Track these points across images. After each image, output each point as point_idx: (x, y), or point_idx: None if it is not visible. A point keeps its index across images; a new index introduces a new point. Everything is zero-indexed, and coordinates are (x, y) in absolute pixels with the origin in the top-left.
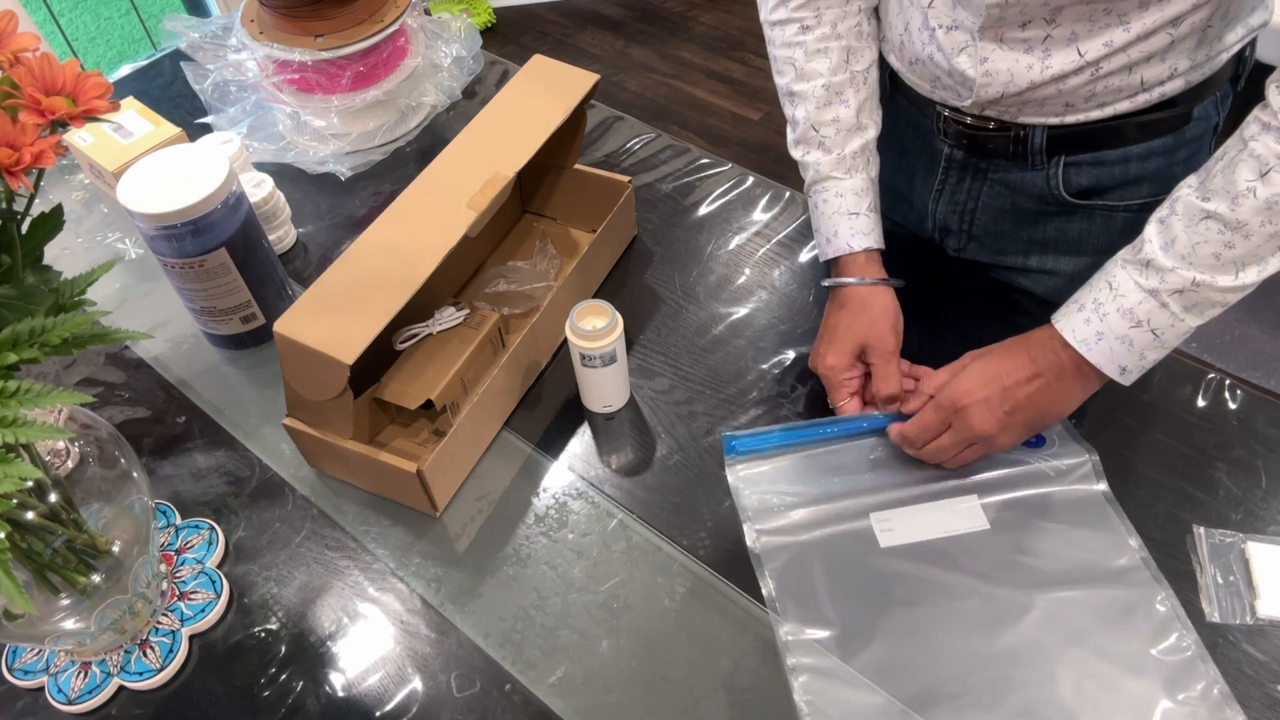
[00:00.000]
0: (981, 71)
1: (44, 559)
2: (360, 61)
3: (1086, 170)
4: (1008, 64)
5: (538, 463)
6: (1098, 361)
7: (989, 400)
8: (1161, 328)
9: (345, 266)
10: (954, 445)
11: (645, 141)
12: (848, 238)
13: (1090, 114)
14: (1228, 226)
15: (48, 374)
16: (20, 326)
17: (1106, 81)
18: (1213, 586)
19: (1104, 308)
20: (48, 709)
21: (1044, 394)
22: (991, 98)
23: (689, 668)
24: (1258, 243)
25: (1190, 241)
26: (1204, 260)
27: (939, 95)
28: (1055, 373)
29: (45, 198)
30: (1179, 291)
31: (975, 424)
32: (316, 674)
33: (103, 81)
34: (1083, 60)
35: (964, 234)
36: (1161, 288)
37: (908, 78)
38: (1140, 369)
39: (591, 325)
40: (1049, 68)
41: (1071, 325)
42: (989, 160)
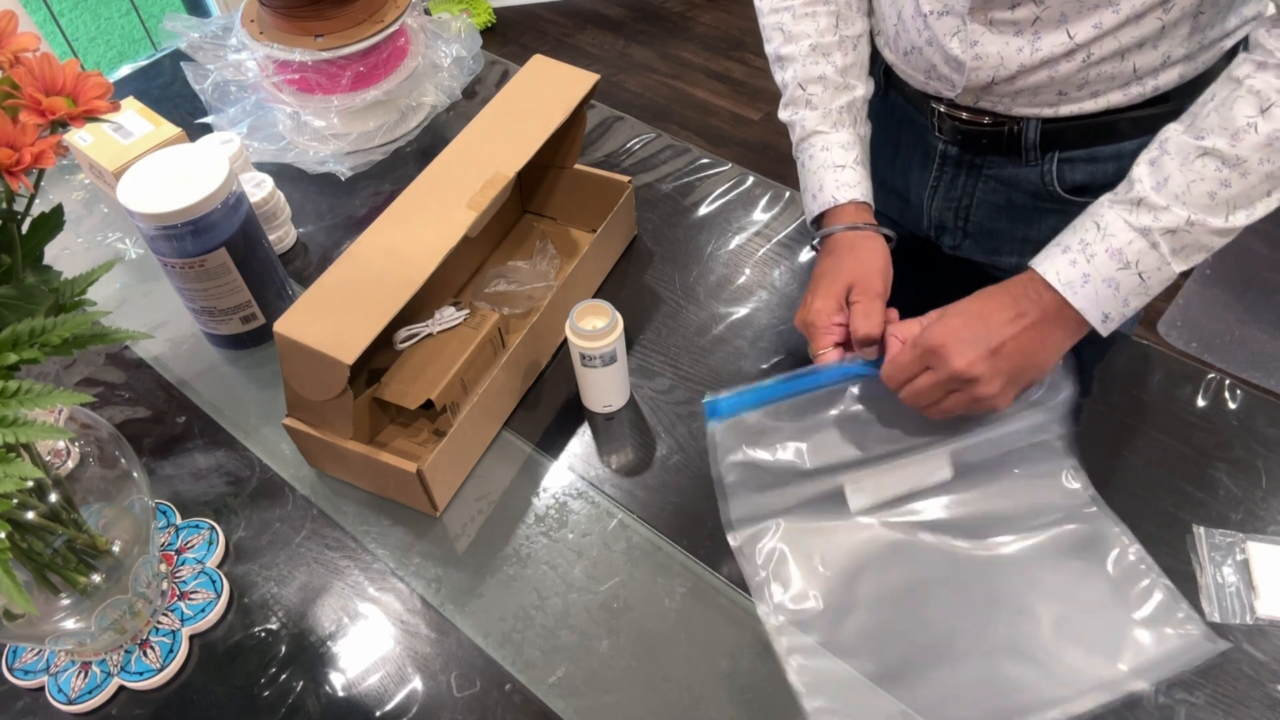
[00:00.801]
0: (972, 55)
1: (44, 559)
2: (360, 61)
3: (1081, 166)
4: (997, 47)
5: (538, 463)
6: (1082, 306)
7: (974, 339)
8: (1149, 270)
9: (345, 266)
10: (933, 388)
11: (645, 141)
12: (833, 190)
13: (1084, 105)
14: (1226, 163)
15: (48, 374)
16: (20, 326)
17: (1099, 69)
18: (1213, 586)
19: (1091, 248)
20: (48, 709)
21: (1029, 335)
22: (982, 82)
23: (689, 668)
24: (1253, 182)
25: (1185, 180)
26: (1199, 199)
27: (932, 87)
28: (1038, 314)
29: (45, 198)
30: (1171, 231)
31: (955, 363)
32: (316, 674)
33: (103, 81)
34: (1073, 43)
35: (959, 231)
36: (1154, 226)
37: (902, 70)
38: (1120, 318)
39: (591, 325)
40: (1039, 50)
41: (1055, 267)
42: (983, 156)
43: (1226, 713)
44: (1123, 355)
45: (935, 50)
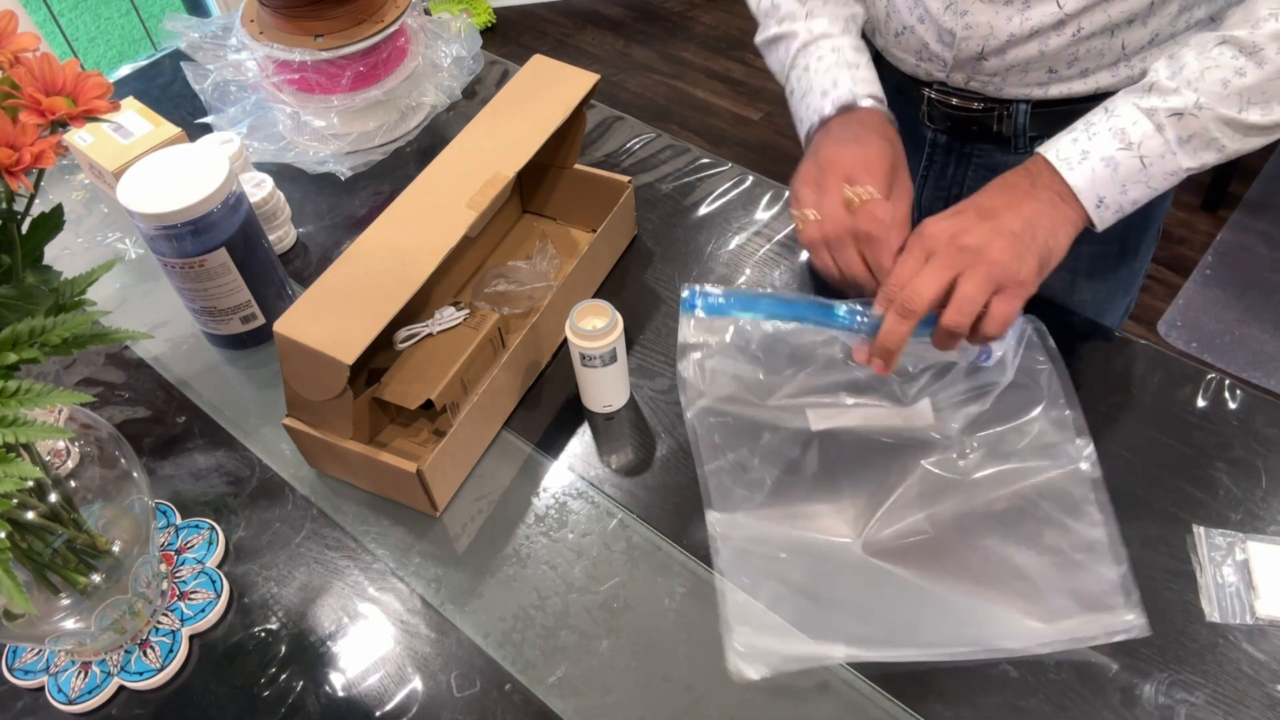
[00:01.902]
0: (962, 25)
1: (44, 559)
2: (360, 61)
3: None
4: (988, 16)
5: (538, 463)
6: (1077, 185)
7: (960, 213)
8: (1151, 156)
9: (345, 266)
10: (937, 268)
11: (645, 141)
12: (850, 85)
13: (1073, 85)
14: (1243, 51)
15: (48, 374)
16: (20, 326)
17: (1089, 44)
18: (1213, 586)
19: (1095, 127)
20: (48, 709)
21: (1023, 203)
22: (972, 53)
23: (689, 668)
24: (1270, 74)
25: (1200, 67)
26: (1211, 86)
27: (923, 70)
28: (1030, 185)
29: (45, 198)
30: (1178, 114)
31: (948, 230)
32: (316, 674)
33: (103, 81)
34: (1062, 13)
35: None
36: (1161, 107)
37: (893, 55)
38: (1118, 208)
39: (591, 325)
40: (1028, 20)
41: (1056, 146)
42: (973, 145)
43: (1226, 713)
44: (1123, 355)
45: (927, 26)
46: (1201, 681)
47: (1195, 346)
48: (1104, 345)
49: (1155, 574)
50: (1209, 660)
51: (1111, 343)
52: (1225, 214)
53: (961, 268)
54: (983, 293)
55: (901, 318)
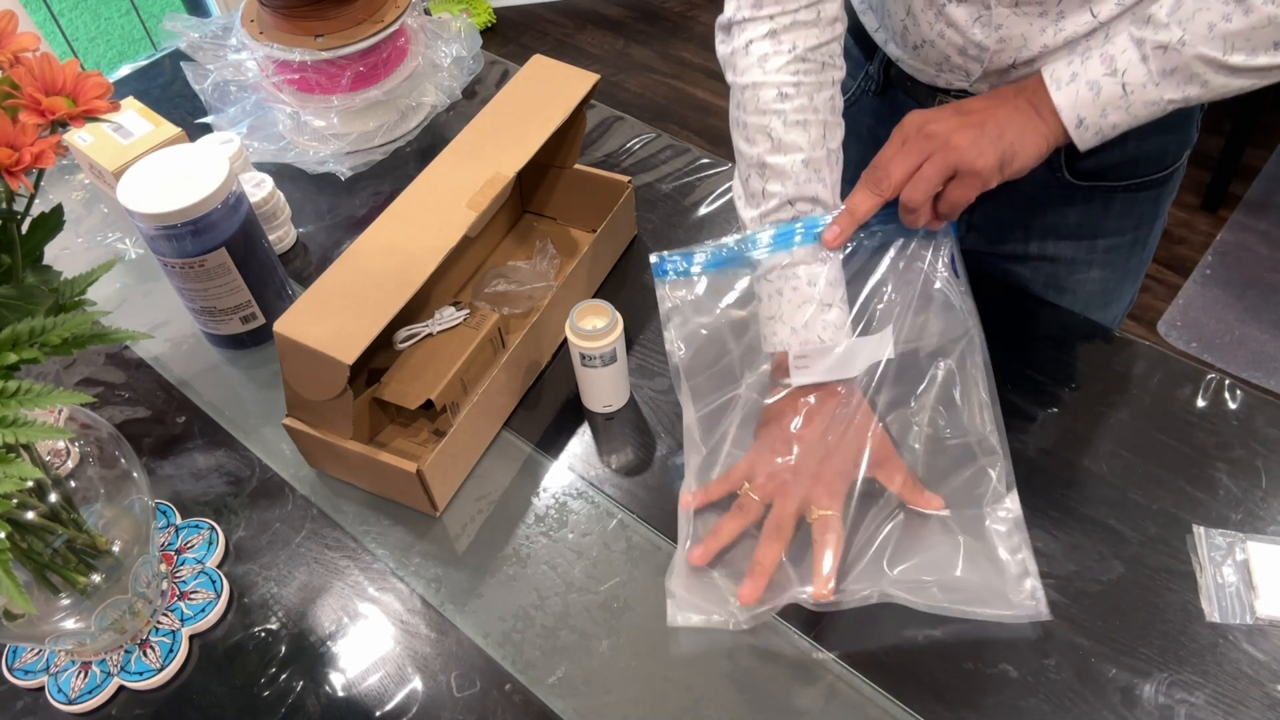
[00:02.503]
0: (995, 39)
1: (44, 559)
2: (360, 61)
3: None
4: (1022, 28)
5: (538, 463)
6: (1060, 103)
7: (940, 109)
8: (1133, 85)
9: (345, 266)
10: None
11: (645, 141)
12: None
13: None
14: None
15: (48, 374)
16: (20, 326)
17: None
18: (1213, 586)
19: (1090, 51)
20: (48, 709)
21: (1001, 108)
22: (1002, 65)
23: (689, 668)
24: (1255, 23)
25: (1194, 7)
26: (1198, 26)
27: (944, 80)
28: (1014, 94)
29: (45, 198)
30: (1163, 47)
31: (920, 119)
32: (316, 674)
33: (103, 81)
34: (1096, 21)
35: (963, 223)
36: (1149, 39)
37: (910, 65)
38: (1097, 131)
39: (591, 325)
40: (1062, 30)
41: (1053, 66)
42: None
43: (1226, 713)
44: (1123, 355)
45: (949, 42)
46: (1201, 681)
47: (1195, 346)
48: (1104, 345)
49: (1155, 574)
50: (1209, 660)
51: (1111, 343)
52: (1225, 214)
53: (928, 153)
54: (939, 174)
55: (870, 192)
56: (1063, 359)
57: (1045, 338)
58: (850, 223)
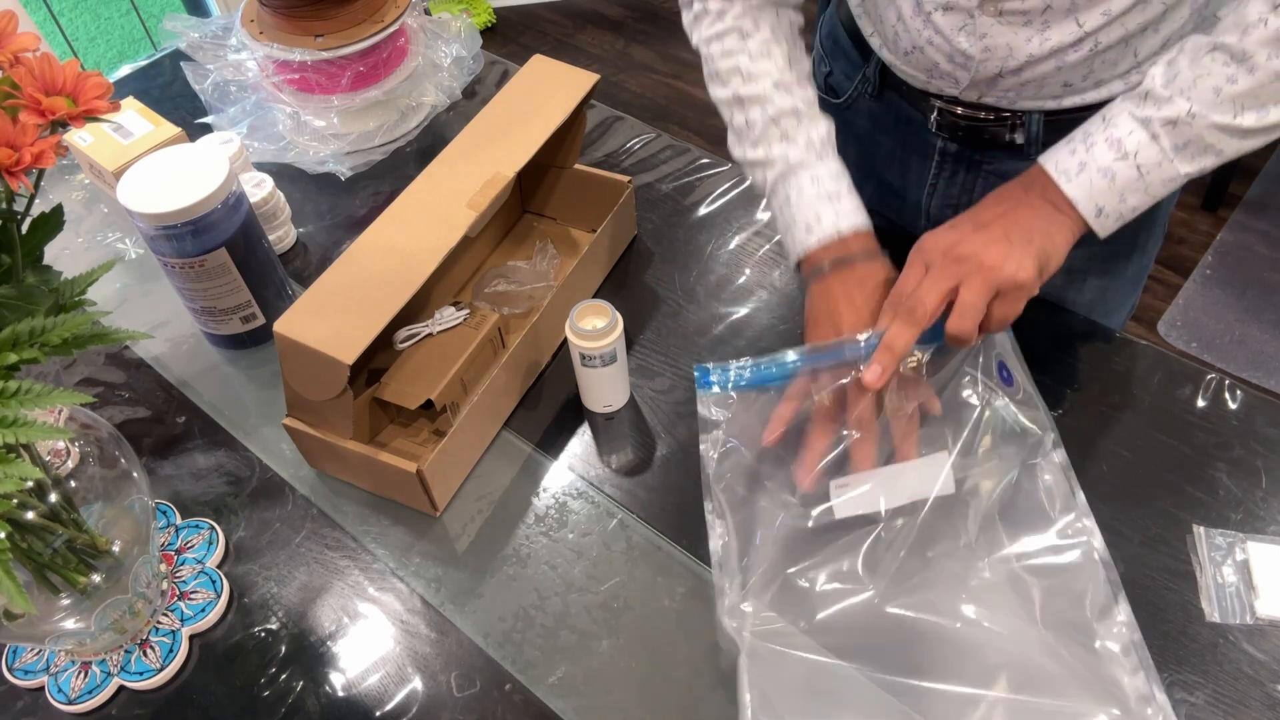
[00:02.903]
0: (980, 48)
1: (44, 559)
2: (360, 61)
3: None
4: (1006, 38)
5: (538, 463)
6: (1074, 196)
7: (956, 225)
8: (1148, 165)
9: (345, 266)
10: (936, 279)
11: (645, 141)
12: (834, 220)
13: (1087, 95)
14: (1234, 58)
15: (48, 374)
16: (20, 326)
17: (1104, 56)
18: (1213, 586)
19: (1093, 138)
20: (48, 709)
21: (1019, 212)
22: (989, 75)
23: (689, 668)
24: (1262, 80)
25: (1193, 75)
26: (1204, 94)
27: (934, 85)
28: (1024, 193)
29: (45, 198)
30: (1172, 123)
31: (943, 242)
32: (316, 674)
33: (103, 81)
34: (1082, 31)
35: None
36: (1155, 116)
37: (901, 70)
38: (1118, 216)
39: (591, 325)
40: (1048, 40)
41: (1055, 157)
42: (983, 152)
43: (1226, 713)
44: (1123, 355)
45: (937, 49)
46: (1201, 681)
47: (1195, 346)
48: (1104, 345)
49: (1155, 574)
50: (1209, 660)
51: (1111, 343)
52: (1225, 214)
53: (960, 277)
54: (983, 298)
55: (906, 324)
56: (1063, 359)
57: (1045, 338)
58: (891, 360)
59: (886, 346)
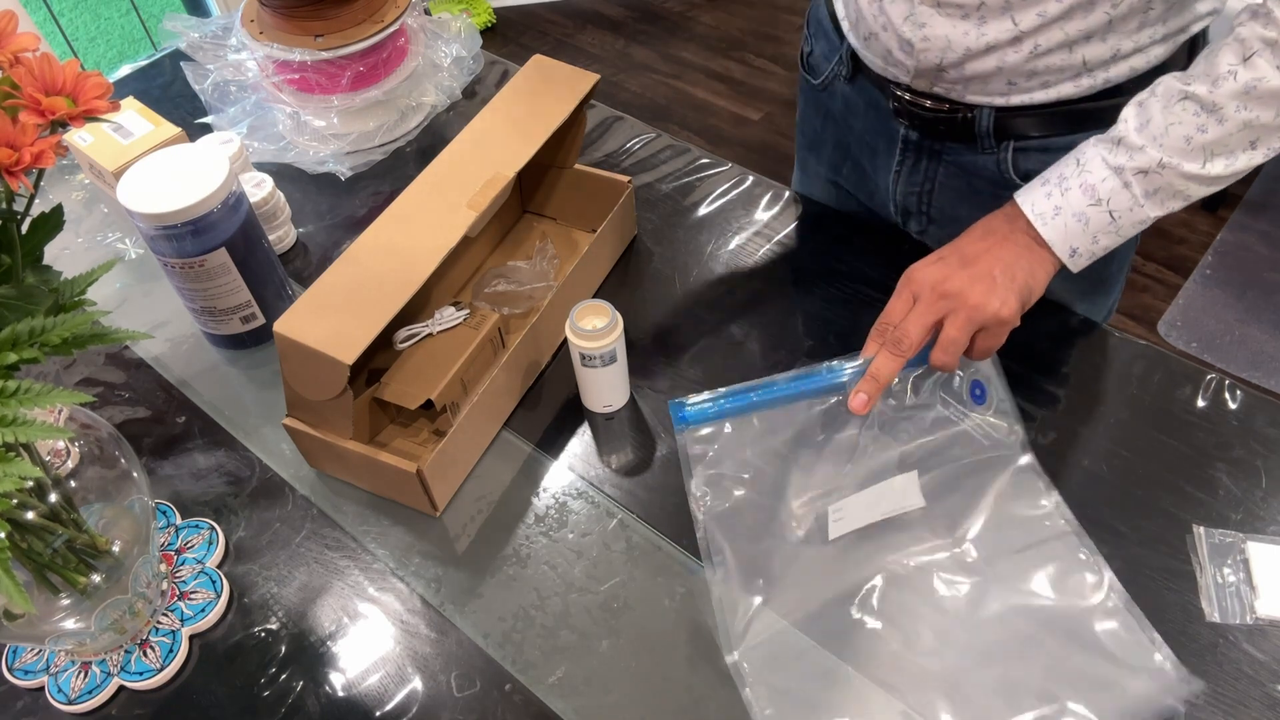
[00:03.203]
0: (920, 37)
1: (44, 559)
2: (360, 61)
3: (1035, 156)
4: (945, 30)
5: (538, 463)
6: (1050, 239)
7: (942, 259)
8: (1120, 210)
9: (345, 266)
10: (922, 313)
11: (645, 141)
12: None
13: (1034, 95)
14: (1204, 108)
15: (48, 374)
16: (20, 326)
17: (1047, 60)
18: (1213, 586)
19: (1067, 182)
20: (48, 709)
21: (1001, 248)
22: (931, 65)
23: (689, 668)
24: (1231, 130)
25: (1165, 122)
26: (1174, 143)
27: (890, 73)
28: (1009, 232)
29: (45, 198)
30: (1143, 172)
31: (932, 277)
32: (316, 674)
33: (103, 81)
34: (1018, 30)
35: (924, 216)
36: (1128, 165)
37: (864, 56)
38: (1091, 255)
39: (591, 325)
40: (984, 35)
41: (1032, 199)
42: (942, 143)
43: (1226, 713)
44: (1123, 355)
45: (890, 35)
46: (1201, 681)
47: (1195, 346)
48: (1104, 345)
49: (1155, 574)
50: (1209, 660)
51: (1112, 343)
52: (1225, 214)
53: (946, 312)
54: (966, 334)
55: (891, 355)
56: (1062, 358)
57: (1045, 337)
58: (876, 389)
59: (872, 376)
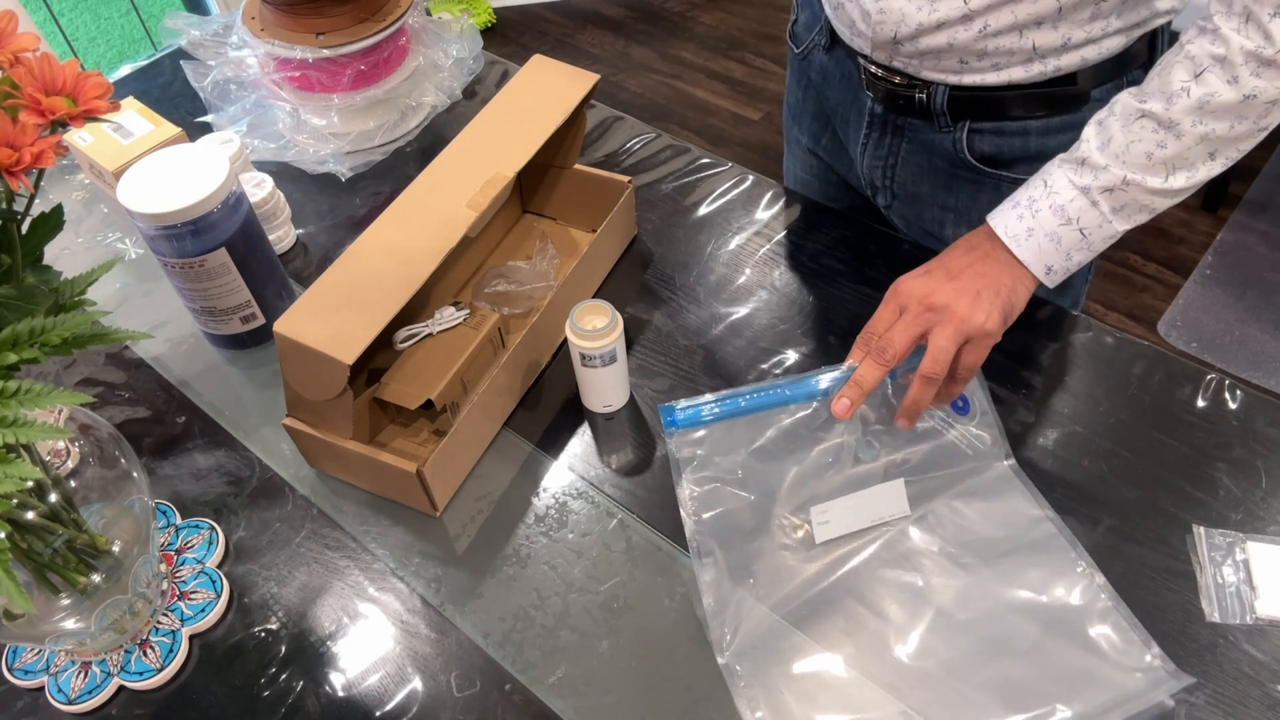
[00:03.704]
0: (877, 9)
1: (44, 559)
2: (361, 60)
3: (989, 138)
4: (899, 4)
5: (538, 463)
6: (1025, 259)
7: (929, 273)
8: (1089, 228)
9: (345, 266)
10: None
11: (645, 141)
12: None
13: (985, 76)
14: (1161, 125)
15: (48, 374)
16: (20, 326)
17: (997, 41)
18: (1213, 586)
19: (1037, 204)
20: (48, 709)
21: (984, 264)
22: (886, 38)
23: (689, 668)
24: (1189, 144)
25: (1125, 140)
26: (1136, 159)
27: (856, 43)
28: (991, 247)
29: (45, 198)
30: (1109, 190)
31: (919, 290)
32: (316, 674)
33: (103, 81)
34: (967, 9)
35: (888, 191)
36: (1094, 185)
37: (835, 24)
38: (1065, 270)
39: (591, 325)
40: (935, 11)
41: (1005, 221)
42: (904, 118)
43: (1226, 713)
44: (1123, 355)
45: (854, 5)
46: (1201, 681)
47: (1195, 346)
48: (1104, 345)
49: (1155, 574)
50: (1209, 660)
51: (1112, 343)
52: (1225, 214)
53: (931, 325)
54: (953, 344)
55: (876, 363)
56: (1061, 358)
57: (1044, 337)
58: (860, 395)
59: (856, 383)
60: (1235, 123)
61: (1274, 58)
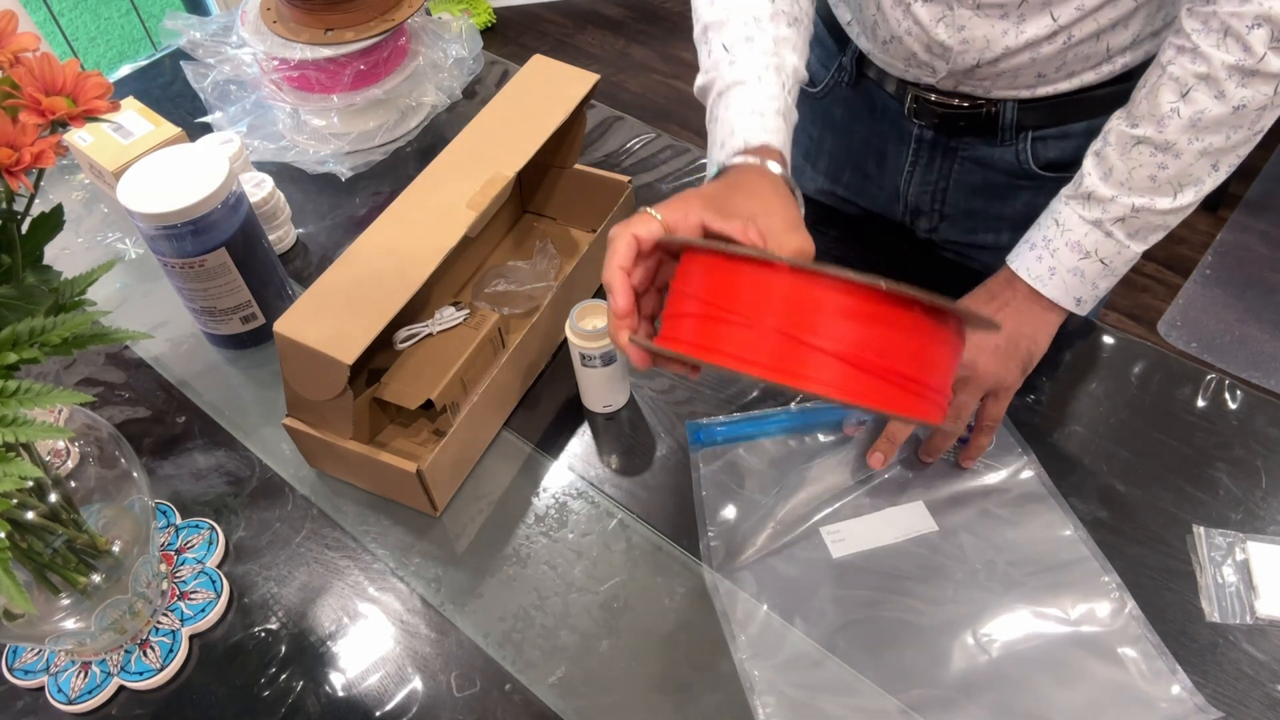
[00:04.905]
0: (959, 40)
1: (44, 559)
2: (361, 60)
3: (1054, 143)
4: (984, 30)
5: (538, 463)
6: (1054, 296)
7: None
8: (1109, 256)
9: (345, 266)
10: None
11: (645, 141)
12: (745, 134)
13: (1059, 85)
14: (1158, 149)
15: (48, 374)
16: (20, 326)
17: (1077, 50)
18: (1213, 586)
19: (1053, 244)
20: (48, 709)
21: (1010, 315)
22: (967, 66)
23: (689, 668)
24: (1189, 161)
25: (1126, 168)
26: (1141, 185)
27: (912, 74)
28: (1012, 294)
29: (45, 198)
30: (1121, 220)
31: None
32: (316, 674)
33: (103, 81)
34: (1056, 25)
35: (936, 214)
36: (1104, 218)
37: (880, 59)
38: (1095, 298)
39: (591, 325)
40: (1024, 32)
41: (1025, 264)
42: (959, 139)
43: (1227, 713)
44: (1123, 355)
45: (915, 39)
46: (1202, 681)
47: (1195, 346)
48: (1104, 345)
49: (1155, 574)
50: (1209, 660)
51: (1112, 343)
52: (1225, 214)
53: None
54: (975, 399)
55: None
56: (1062, 358)
57: None
58: (891, 449)
59: (888, 438)
60: (1230, 132)
61: (1257, 67)
